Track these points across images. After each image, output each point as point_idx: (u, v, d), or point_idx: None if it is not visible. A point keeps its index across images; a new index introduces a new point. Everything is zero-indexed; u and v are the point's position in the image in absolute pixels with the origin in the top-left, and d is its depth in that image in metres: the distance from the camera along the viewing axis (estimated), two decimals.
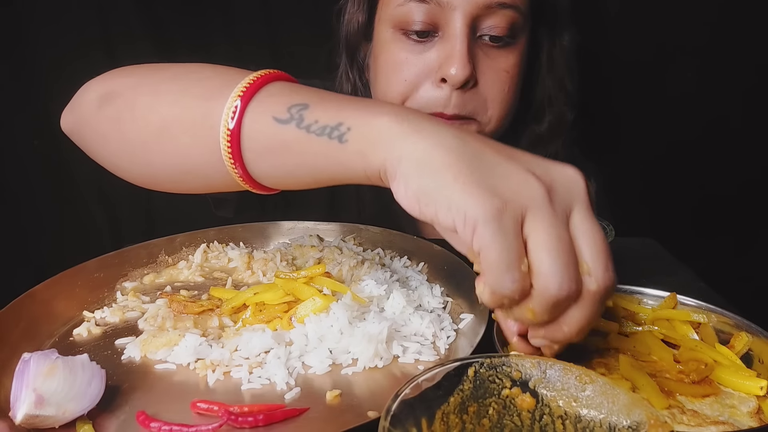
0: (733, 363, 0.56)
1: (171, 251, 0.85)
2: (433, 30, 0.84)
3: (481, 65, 0.85)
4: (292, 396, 0.55)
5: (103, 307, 0.72)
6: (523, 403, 0.41)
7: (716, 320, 0.62)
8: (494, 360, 0.41)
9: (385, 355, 0.60)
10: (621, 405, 0.38)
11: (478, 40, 0.85)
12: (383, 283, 0.71)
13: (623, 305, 0.65)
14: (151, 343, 0.62)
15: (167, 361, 0.61)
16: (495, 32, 0.84)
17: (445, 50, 0.84)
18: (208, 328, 0.66)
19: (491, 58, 0.86)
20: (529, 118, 1.00)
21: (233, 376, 0.58)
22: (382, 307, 0.68)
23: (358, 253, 0.83)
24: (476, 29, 0.84)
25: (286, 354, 0.60)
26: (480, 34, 0.85)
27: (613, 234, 0.78)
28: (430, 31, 0.85)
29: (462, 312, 0.69)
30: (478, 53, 0.85)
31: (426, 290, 0.72)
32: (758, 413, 0.50)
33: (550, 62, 0.98)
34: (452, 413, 0.40)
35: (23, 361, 0.51)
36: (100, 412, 0.52)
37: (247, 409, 0.52)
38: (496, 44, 0.85)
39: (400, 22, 0.86)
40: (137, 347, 0.63)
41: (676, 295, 0.64)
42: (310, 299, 0.66)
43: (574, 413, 0.40)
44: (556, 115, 1.00)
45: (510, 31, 0.85)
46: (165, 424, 0.50)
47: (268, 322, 0.65)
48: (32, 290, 0.69)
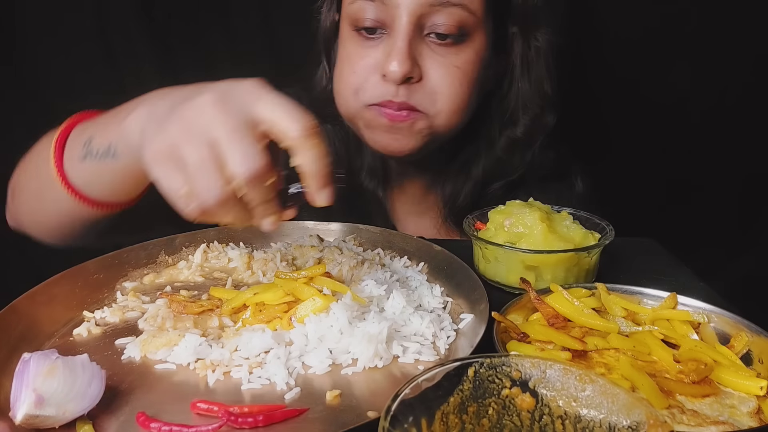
0: (733, 363, 0.56)
1: (171, 251, 0.85)
2: (382, 27, 0.89)
3: (429, 61, 0.88)
4: (292, 396, 0.55)
5: (103, 307, 0.72)
6: (522, 403, 0.41)
7: (716, 320, 0.62)
8: (494, 360, 0.41)
9: (385, 355, 0.60)
10: (621, 405, 0.38)
11: (426, 38, 0.88)
12: (383, 283, 0.71)
13: (623, 305, 0.65)
14: (151, 343, 0.62)
15: (167, 361, 0.61)
16: (442, 30, 0.86)
17: (389, 47, 0.87)
18: (208, 328, 0.66)
19: (440, 54, 0.88)
20: (505, 121, 1.01)
21: (233, 376, 0.58)
22: (382, 307, 0.68)
23: (358, 253, 0.83)
24: (423, 27, 0.87)
25: (286, 354, 0.60)
26: (427, 31, 0.87)
27: (612, 234, 0.78)
28: (379, 28, 0.89)
29: (462, 312, 0.69)
30: (424, 50, 0.88)
31: (426, 290, 0.72)
32: (758, 413, 0.50)
33: (524, 65, 0.98)
34: (452, 413, 0.40)
35: (23, 361, 0.51)
36: (100, 413, 0.52)
37: (247, 409, 0.52)
38: (444, 41, 0.88)
39: (353, 20, 0.91)
40: (137, 347, 0.63)
41: (676, 295, 0.65)
42: (310, 299, 0.66)
43: (574, 413, 0.40)
44: (533, 119, 1.00)
45: (458, 29, 0.87)
46: (165, 424, 0.50)
47: (268, 322, 0.65)
48: (32, 290, 0.69)
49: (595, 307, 0.64)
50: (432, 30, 0.87)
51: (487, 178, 1.03)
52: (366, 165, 1.06)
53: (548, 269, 0.75)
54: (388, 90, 0.88)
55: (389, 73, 0.85)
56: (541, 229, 0.75)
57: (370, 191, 1.05)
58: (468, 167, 1.04)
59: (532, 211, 0.78)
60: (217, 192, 0.53)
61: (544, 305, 0.64)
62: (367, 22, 0.88)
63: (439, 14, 0.85)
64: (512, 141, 1.01)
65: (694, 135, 1.56)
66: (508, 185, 1.03)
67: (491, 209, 0.84)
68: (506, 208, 0.82)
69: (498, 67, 0.98)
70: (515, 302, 0.65)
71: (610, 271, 0.81)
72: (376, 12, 0.87)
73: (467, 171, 1.04)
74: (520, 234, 0.76)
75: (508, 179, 1.02)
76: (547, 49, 0.98)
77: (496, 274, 0.78)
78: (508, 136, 1.01)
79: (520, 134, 1.00)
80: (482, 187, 1.03)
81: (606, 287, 0.67)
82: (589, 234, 0.78)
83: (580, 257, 0.75)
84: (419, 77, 0.88)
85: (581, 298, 0.65)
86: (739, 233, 1.63)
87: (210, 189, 0.53)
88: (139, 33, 1.48)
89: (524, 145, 1.01)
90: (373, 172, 1.06)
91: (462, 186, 1.04)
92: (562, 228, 0.78)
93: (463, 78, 0.90)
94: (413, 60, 0.86)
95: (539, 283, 0.74)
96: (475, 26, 0.89)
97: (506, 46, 0.98)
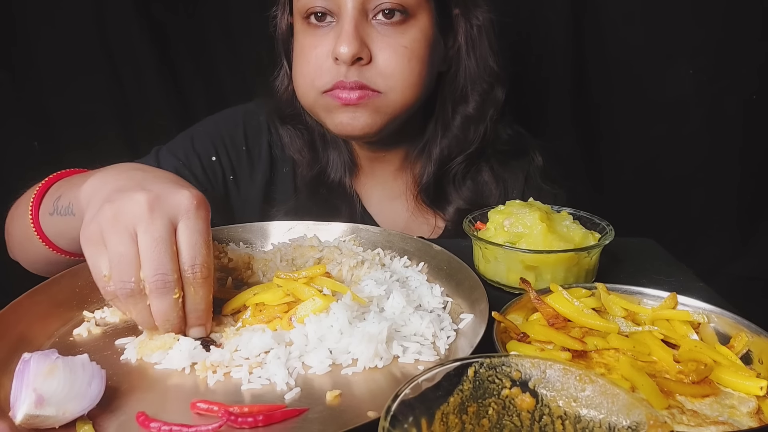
0: (733, 363, 0.56)
1: None
2: (330, 15, 0.94)
3: (378, 42, 0.93)
4: (292, 396, 0.55)
5: (103, 307, 0.73)
6: (522, 403, 0.41)
7: (716, 320, 0.62)
8: (494, 360, 0.41)
9: (385, 355, 0.60)
10: (621, 405, 0.38)
11: (373, 20, 0.93)
12: (383, 283, 0.71)
13: (623, 305, 0.65)
14: (147, 346, 0.62)
15: (161, 363, 0.61)
16: (385, 7, 0.91)
17: (337, 31, 0.92)
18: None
19: (386, 35, 0.93)
20: (456, 99, 1.06)
21: (233, 376, 0.58)
22: (382, 307, 0.68)
23: (358, 253, 0.83)
24: (368, 11, 0.92)
25: (286, 354, 0.60)
26: (373, 14, 0.92)
27: (612, 234, 0.78)
28: (327, 14, 0.94)
29: (462, 312, 0.69)
30: (372, 33, 0.93)
31: (426, 290, 0.72)
32: (758, 413, 0.50)
33: (468, 44, 1.03)
34: (452, 413, 0.40)
35: (23, 361, 0.51)
36: (101, 413, 0.52)
37: (247, 409, 0.52)
38: (389, 20, 0.92)
39: (304, 12, 0.96)
40: (134, 350, 0.63)
41: (676, 295, 0.64)
42: (310, 299, 0.66)
43: (574, 413, 0.40)
44: (482, 95, 1.05)
45: (401, 6, 0.92)
46: (165, 424, 0.50)
47: (268, 322, 0.65)
48: (32, 290, 0.69)
49: (595, 307, 0.64)
50: (377, 10, 0.92)
51: (447, 154, 1.07)
52: (331, 160, 1.10)
53: (548, 269, 0.75)
54: (340, 71, 0.92)
55: (339, 55, 0.90)
56: (541, 229, 0.75)
57: (336, 181, 1.10)
58: (428, 148, 1.09)
59: (532, 211, 0.78)
60: (128, 287, 0.59)
61: (544, 305, 0.64)
62: (317, 9, 0.93)
63: None
64: (465, 118, 1.06)
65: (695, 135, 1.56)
66: (468, 159, 1.08)
67: (491, 209, 0.84)
68: (506, 208, 0.82)
69: (447, 48, 1.03)
70: (515, 302, 0.65)
71: (610, 271, 0.81)
72: (323, 1, 0.92)
73: (428, 151, 1.09)
74: (520, 234, 0.76)
75: (467, 152, 1.07)
76: (488, 27, 1.03)
77: (496, 274, 0.78)
78: (461, 114, 1.06)
79: (472, 110, 1.05)
80: (445, 163, 1.08)
81: (606, 287, 0.67)
82: (589, 234, 0.78)
83: (580, 257, 0.75)
84: (369, 58, 0.92)
85: (581, 298, 0.65)
86: (739, 233, 1.63)
87: (122, 282, 0.59)
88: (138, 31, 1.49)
89: (476, 121, 1.06)
90: (336, 164, 1.10)
91: (425, 166, 1.09)
92: (562, 228, 0.78)
93: (411, 55, 0.94)
94: (361, 41, 0.91)
95: (539, 283, 0.74)
96: (417, 6, 0.94)
97: (452, 28, 1.03)
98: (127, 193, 0.60)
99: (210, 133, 1.12)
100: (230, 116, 1.15)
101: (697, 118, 1.53)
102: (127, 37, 1.49)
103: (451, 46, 1.04)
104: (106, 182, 0.66)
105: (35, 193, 0.86)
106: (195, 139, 1.10)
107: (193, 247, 0.60)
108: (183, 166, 1.06)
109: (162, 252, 0.58)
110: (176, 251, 0.60)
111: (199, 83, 1.59)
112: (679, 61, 1.49)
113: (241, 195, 1.13)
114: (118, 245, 0.58)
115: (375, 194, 1.14)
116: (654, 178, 1.60)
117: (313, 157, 1.10)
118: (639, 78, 1.52)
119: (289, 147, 1.11)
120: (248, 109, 1.16)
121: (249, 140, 1.12)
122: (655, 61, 1.50)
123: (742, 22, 1.45)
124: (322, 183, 1.09)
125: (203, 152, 1.09)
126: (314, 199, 1.08)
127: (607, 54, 1.53)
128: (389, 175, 1.14)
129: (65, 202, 0.79)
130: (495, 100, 1.06)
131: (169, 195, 0.61)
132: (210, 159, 1.10)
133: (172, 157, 1.07)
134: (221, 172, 1.11)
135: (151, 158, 1.08)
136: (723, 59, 1.47)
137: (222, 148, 1.11)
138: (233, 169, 1.12)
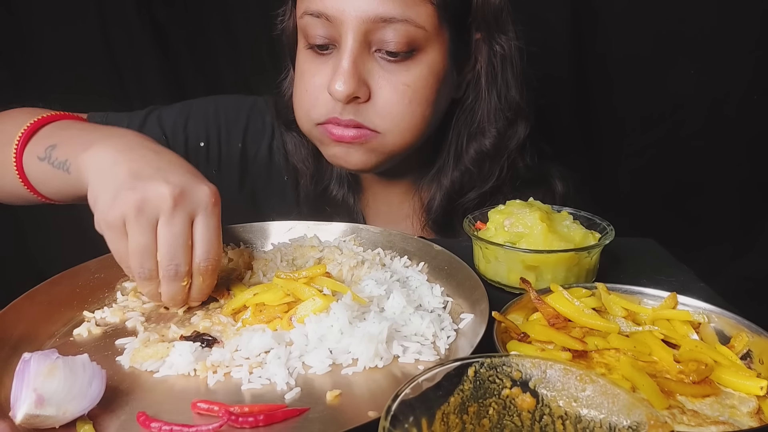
0: (733, 363, 0.56)
1: None
2: (332, 43, 0.87)
3: (378, 79, 0.86)
4: (292, 396, 0.55)
5: (103, 307, 0.72)
6: (523, 403, 0.41)
7: (716, 320, 0.62)
8: (494, 360, 0.41)
9: (385, 355, 0.60)
10: (621, 405, 0.38)
11: (374, 54, 0.86)
12: (383, 283, 0.71)
13: (623, 305, 0.65)
14: (140, 354, 0.61)
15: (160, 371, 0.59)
16: (390, 47, 0.84)
17: (335, 65, 0.85)
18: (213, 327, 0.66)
19: (388, 72, 0.86)
20: (472, 132, 0.97)
21: (233, 376, 0.58)
22: (382, 307, 0.68)
23: (358, 253, 0.83)
24: (371, 43, 0.84)
25: (286, 354, 0.60)
26: (376, 47, 0.85)
27: (612, 234, 0.78)
28: (329, 44, 0.87)
29: (462, 312, 0.69)
30: (373, 67, 0.86)
31: (426, 290, 0.72)
32: (758, 413, 0.50)
33: (489, 73, 0.94)
34: (452, 413, 0.40)
35: (23, 361, 0.51)
36: (101, 412, 0.52)
37: (247, 409, 0.52)
38: (393, 59, 0.85)
39: (305, 35, 0.89)
40: (128, 357, 0.62)
41: (676, 295, 0.64)
42: (310, 299, 0.66)
43: (574, 413, 0.40)
44: (500, 131, 0.96)
45: (407, 45, 0.84)
46: (165, 424, 0.50)
47: (268, 322, 0.65)
48: (32, 290, 0.69)
49: (596, 307, 0.64)
50: (380, 47, 0.84)
51: (459, 188, 1.00)
52: (335, 173, 1.04)
53: (548, 269, 0.75)
54: (335, 107, 0.86)
55: (333, 93, 0.84)
56: (541, 229, 0.75)
57: (340, 199, 1.04)
58: (438, 177, 1.01)
59: (532, 210, 0.78)
60: (145, 272, 0.64)
61: (545, 305, 0.64)
62: (318, 39, 0.86)
63: (386, 30, 0.82)
64: (480, 153, 0.97)
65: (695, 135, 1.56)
66: (482, 198, 1.00)
67: (491, 209, 0.84)
68: (506, 208, 0.82)
69: (463, 74, 0.95)
70: (515, 302, 0.65)
71: (610, 271, 0.81)
72: (323, 29, 0.85)
73: (438, 181, 1.01)
74: (520, 234, 0.76)
75: (481, 190, 0.99)
76: (514, 56, 0.94)
77: (497, 274, 0.78)
78: (476, 148, 0.97)
79: (489, 146, 0.96)
80: (457, 195, 1.00)
81: (606, 287, 0.67)
82: (589, 234, 0.78)
83: (581, 257, 0.75)
84: (367, 96, 0.86)
85: (581, 298, 0.65)
86: (739, 233, 1.63)
87: (141, 268, 0.64)
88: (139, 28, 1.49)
89: (493, 158, 0.97)
90: (342, 180, 1.04)
91: (434, 196, 1.01)
92: (562, 228, 0.78)
93: (413, 96, 0.87)
94: (359, 79, 0.84)
95: (539, 283, 0.74)
96: (426, 41, 0.85)
97: (470, 54, 0.95)
98: (150, 183, 0.63)
99: (208, 115, 1.06)
100: (235, 105, 1.09)
101: (697, 119, 1.53)
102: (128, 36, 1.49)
103: (468, 71, 0.95)
104: (117, 161, 0.67)
105: (24, 130, 0.83)
106: (191, 116, 1.05)
107: (207, 243, 0.65)
108: (165, 143, 0.99)
109: (179, 245, 0.63)
110: (191, 244, 0.65)
111: (200, 81, 1.59)
112: (680, 62, 1.49)
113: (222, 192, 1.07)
114: (139, 236, 0.62)
115: (380, 215, 1.09)
116: (654, 178, 1.60)
117: (316, 169, 1.05)
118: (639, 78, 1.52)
119: (293, 155, 1.05)
120: (257, 105, 1.10)
121: (247, 139, 1.07)
122: (655, 62, 1.50)
123: (743, 22, 1.45)
124: (326, 200, 1.05)
125: (193, 133, 1.04)
126: (317, 215, 1.01)
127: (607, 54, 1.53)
128: (395, 198, 1.07)
129: (61, 156, 0.78)
130: (516, 136, 0.96)
131: (191, 191, 0.64)
132: (198, 144, 1.04)
133: (158, 128, 1.03)
134: (205, 162, 1.04)
135: (138, 118, 1.04)
136: (723, 59, 1.47)
137: (215, 137, 1.05)
138: (220, 163, 1.06)
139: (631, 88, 1.54)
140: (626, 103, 1.55)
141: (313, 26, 0.86)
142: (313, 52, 0.89)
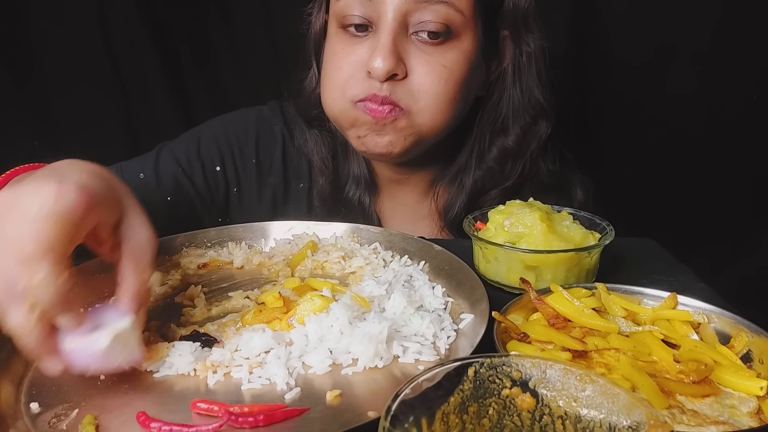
0: (733, 363, 0.56)
1: (171, 251, 0.85)
2: (369, 25, 0.88)
3: (415, 59, 0.87)
4: (292, 396, 0.55)
5: None
6: (523, 403, 0.41)
7: (716, 320, 0.62)
8: (494, 360, 0.41)
9: (385, 355, 0.60)
10: (621, 405, 0.38)
11: (412, 36, 0.87)
12: (383, 283, 0.71)
13: (623, 305, 0.65)
14: None
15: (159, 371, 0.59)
16: (429, 27, 0.86)
17: (374, 43, 0.87)
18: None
19: (426, 53, 0.88)
20: (496, 130, 0.99)
21: (233, 376, 0.58)
22: (383, 307, 0.68)
23: (358, 253, 0.83)
24: (409, 24, 0.86)
25: (286, 354, 0.60)
26: (414, 29, 0.87)
27: (612, 234, 0.78)
28: (366, 25, 0.88)
29: (462, 312, 0.69)
30: (410, 48, 0.88)
31: (427, 290, 0.72)
32: (758, 413, 0.51)
33: (515, 71, 0.96)
34: (452, 413, 0.40)
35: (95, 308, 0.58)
36: (101, 413, 0.53)
37: (247, 409, 0.52)
38: (431, 40, 0.87)
39: (340, 18, 0.90)
40: None
41: (676, 295, 0.64)
42: (309, 299, 0.66)
43: (574, 413, 0.40)
44: (524, 129, 0.98)
45: (445, 27, 0.86)
46: (165, 424, 0.50)
47: (268, 322, 0.65)
48: None
49: (595, 307, 0.64)
50: (418, 28, 0.86)
51: (481, 187, 1.01)
52: (352, 173, 1.05)
53: (548, 269, 0.75)
54: (373, 85, 0.87)
55: (373, 69, 0.85)
56: (541, 229, 0.75)
57: (356, 201, 1.04)
58: (460, 177, 1.02)
59: (532, 211, 0.78)
60: None
61: (544, 305, 0.64)
62: (355, 19, 0.88)
63: (425, 11, 0.85)
64: (503, 150, 0.99)
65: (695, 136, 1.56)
66: (503, 194, 1.00)
67: (491, 209, 0.84)
68: (506, 208, 0.82)
69: (489, 72, 0.97)
70: (515, 302, 0.65)
71: (610, 271, 0.81)
72: (362, 9, 0.87)
73: (460, 181, 1.02)
74: (520, 234, 0.76)
75: (502, 186, 1.00)
76: (539, 56, 0.96)
77: (497, 274, 0.78)
78: (498, 146, 0.99)
79: (512, 143, 0.98)
80: (477, 196, 1.01)
81: (606, 287, 0.67)
82: (589, 234, 0.78)
83: (581, 257, 0.75)
84: (404, 74, 0.87)
85: (581, 298, 0.65)
86: (739, 233, 1.63)
87: None
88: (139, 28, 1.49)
89: (515, 155, 0.99)
90: (359, 181, 1.05)
91: (456, 197, 1.02)
92: (562, 228, 0.78)
93: (449, 77, 0.89)
94: (398, 56, 0.86)
95: (539, 283, 0.74)
96: (463, 26, 0.88)
97: (497, 52, 0.97)
98: None
99: (218, 138, 1.06)
100: (242, 121, 1.09)
101: (697, 119, 1.53)
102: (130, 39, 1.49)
103: (494, 70, 0.97)
104: None
105: None
106: (201, 143, 1.05)
107: None
108: (182, 174, 1.02)
109: None
110: None
111: (202, 84, 1.59)
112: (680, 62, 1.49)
113: (243, 208, 1.08)
114: None
115: (397, 216, 1.09)
116: (654, 178, 1.60)
117: (333, 169, 1.05)
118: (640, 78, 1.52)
119: (313, 153, 1.06)
120: (262, 115, 1.10)
121: (260, 152, 1.07)
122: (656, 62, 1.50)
123: (743, 22, 1.45)
124: (340, 201, 1.05)
125: (208, 159, 1.04)
126: (331, 218, 1.01)
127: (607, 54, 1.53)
128: (412, 199, 1.08)
129: None
130: (537, 135, 0.98)
131: None
132: (214, 168, 1.05)
133: (173, 161, 1.03)
134: (224, 184, 1.06)
135: (151, 157, 1.04)
136: (723, 59, 1.47)
137: (229, 158, 1.05)
138: (238, 182, 1.07)
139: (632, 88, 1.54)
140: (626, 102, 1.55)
141: (352, 6, 0.88)
142: (348, 34, 0.90)
